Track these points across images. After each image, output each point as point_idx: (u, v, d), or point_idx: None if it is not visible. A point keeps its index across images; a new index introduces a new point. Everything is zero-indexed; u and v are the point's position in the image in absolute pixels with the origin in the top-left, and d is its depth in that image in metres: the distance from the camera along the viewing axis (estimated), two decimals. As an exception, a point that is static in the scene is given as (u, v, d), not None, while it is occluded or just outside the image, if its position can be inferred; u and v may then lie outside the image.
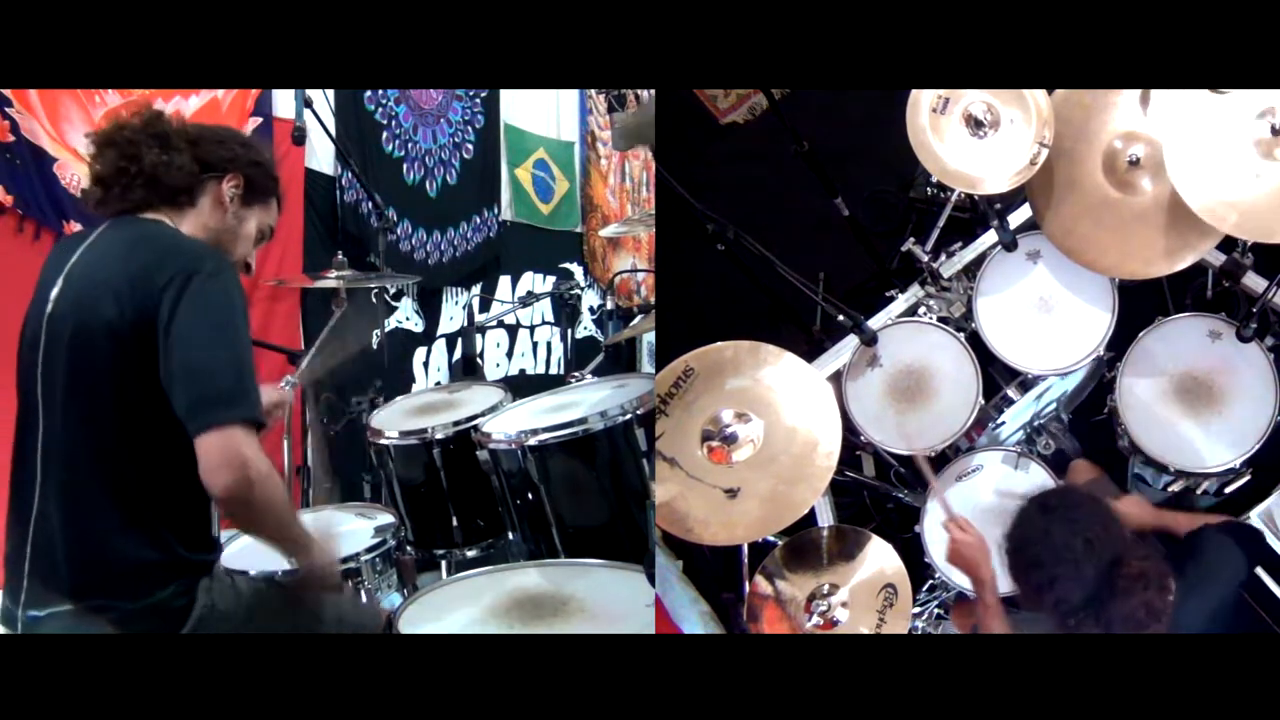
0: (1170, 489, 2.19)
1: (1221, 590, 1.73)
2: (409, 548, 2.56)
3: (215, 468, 1.44)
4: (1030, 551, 1.62)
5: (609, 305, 4.89)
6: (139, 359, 1.52)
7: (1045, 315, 2.24)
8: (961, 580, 2.08)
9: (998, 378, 2.33)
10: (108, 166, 1.70)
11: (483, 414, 2.54)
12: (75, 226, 2.84)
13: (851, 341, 2.29)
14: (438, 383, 4.37)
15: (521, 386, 2.97)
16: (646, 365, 4.64)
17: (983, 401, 2.23)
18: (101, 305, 1.55)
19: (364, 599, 2.10)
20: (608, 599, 1.78)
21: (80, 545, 1.57)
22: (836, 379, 2.26)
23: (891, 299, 2.43)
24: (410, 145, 4.20)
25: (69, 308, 1.60)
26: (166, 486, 1.58)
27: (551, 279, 5.07)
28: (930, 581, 2.30)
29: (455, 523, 2.58)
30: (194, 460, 1.60)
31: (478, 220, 4.61)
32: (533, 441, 2.22)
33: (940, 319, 2.33)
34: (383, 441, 2.63)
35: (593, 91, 5.27)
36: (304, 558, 1.65)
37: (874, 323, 2.30)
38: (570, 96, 5.28)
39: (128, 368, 1.53)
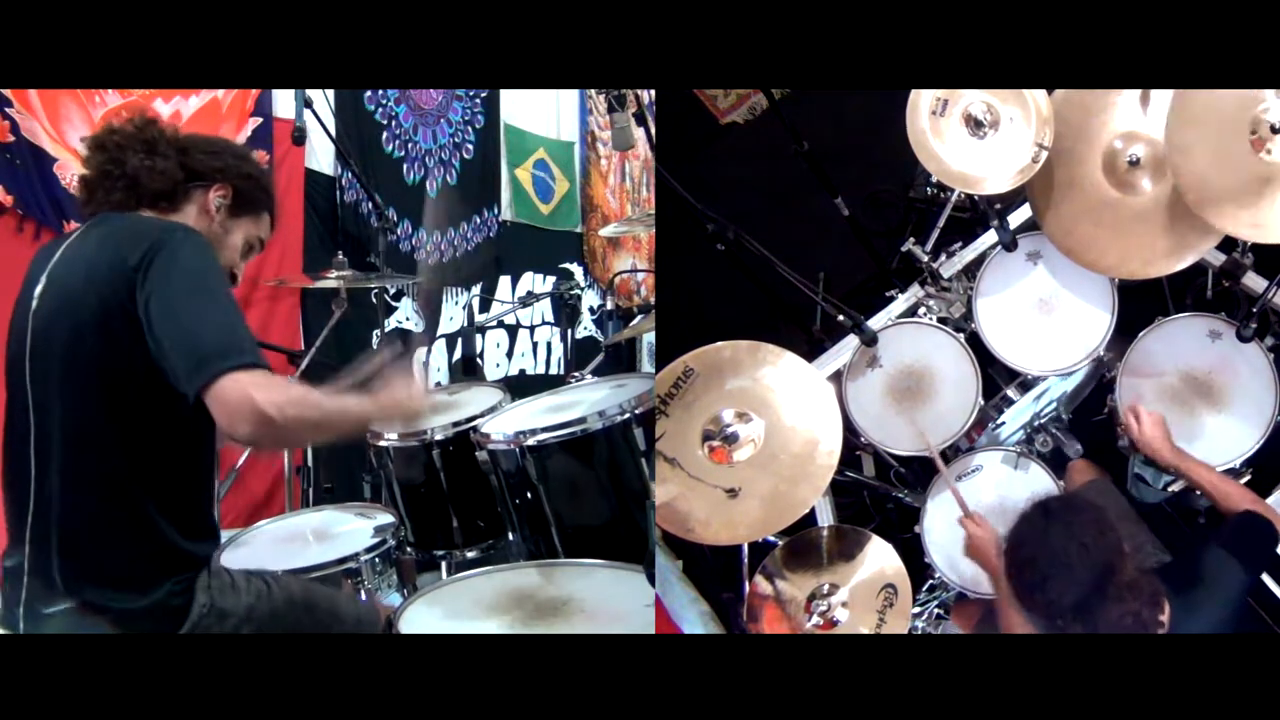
0: (1170, 489, 2.18)
1: (1220, 611, 1.73)
2: (409, 548, 2.56)
3: (229, 421, 1.43)
4: (1025, 551, 1.64)
5: (609, 305, 4.88)
6: (127, 345, 1.51)
7: (1045, 316, 2.24)
8: (970, 573, 2.08)
9: (997, 378, 2.33)
10: (94, 168, 1.71)
11: (482, 414, 2.54)
12: (75, 227, 2.84)
13: (851, 341, 2.29)
14: (438, 383, 4.37)
15: (521, 386, 2.97)
16: (646, 365, 4.64)
17: (983, 401, 2.23)
18: (84, 296, 1.55)
19: (364, 599, 2.10)
20: (608, 599, 1.78)
21: (77, 541, 1.56)
22: (836, 379, 2.26)
23: (891, 299, 2.43)
24: (410, 145, 4.20)
25: (54, 303, 1.60)
26: (162, 476, 1.58)
27: (551, 279, 5.07)
28: (930, 581, 2.30)
29: (455, 523, 2.57)
30: (188, 447, 1.62)
31: (478, 220, 4.61)
32: (531, 441, 2.22)
33: (940, 319, 2.33)
34: (382, 442, 2.62)
35: (593, 91, 5.26)
36: (379, 418, 1.75)
37: (874, 323, 2.29)
38: (570, 96, 5.27)
39: (117, 356, 1.53)
